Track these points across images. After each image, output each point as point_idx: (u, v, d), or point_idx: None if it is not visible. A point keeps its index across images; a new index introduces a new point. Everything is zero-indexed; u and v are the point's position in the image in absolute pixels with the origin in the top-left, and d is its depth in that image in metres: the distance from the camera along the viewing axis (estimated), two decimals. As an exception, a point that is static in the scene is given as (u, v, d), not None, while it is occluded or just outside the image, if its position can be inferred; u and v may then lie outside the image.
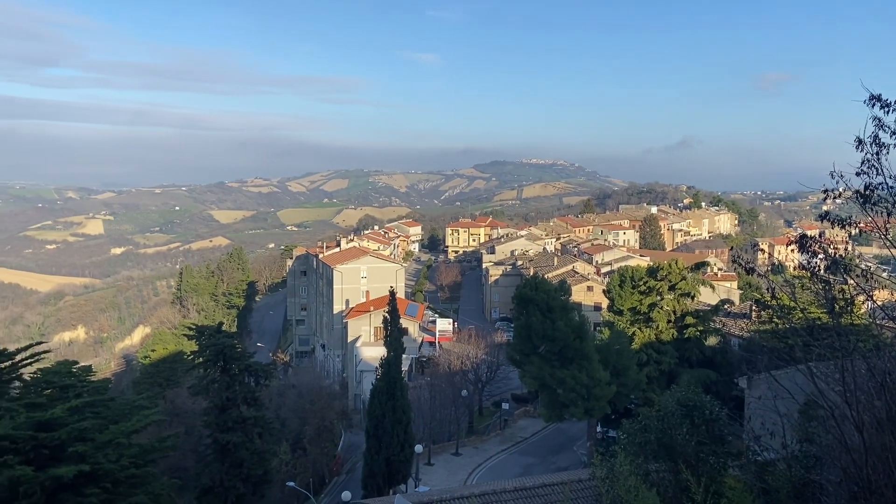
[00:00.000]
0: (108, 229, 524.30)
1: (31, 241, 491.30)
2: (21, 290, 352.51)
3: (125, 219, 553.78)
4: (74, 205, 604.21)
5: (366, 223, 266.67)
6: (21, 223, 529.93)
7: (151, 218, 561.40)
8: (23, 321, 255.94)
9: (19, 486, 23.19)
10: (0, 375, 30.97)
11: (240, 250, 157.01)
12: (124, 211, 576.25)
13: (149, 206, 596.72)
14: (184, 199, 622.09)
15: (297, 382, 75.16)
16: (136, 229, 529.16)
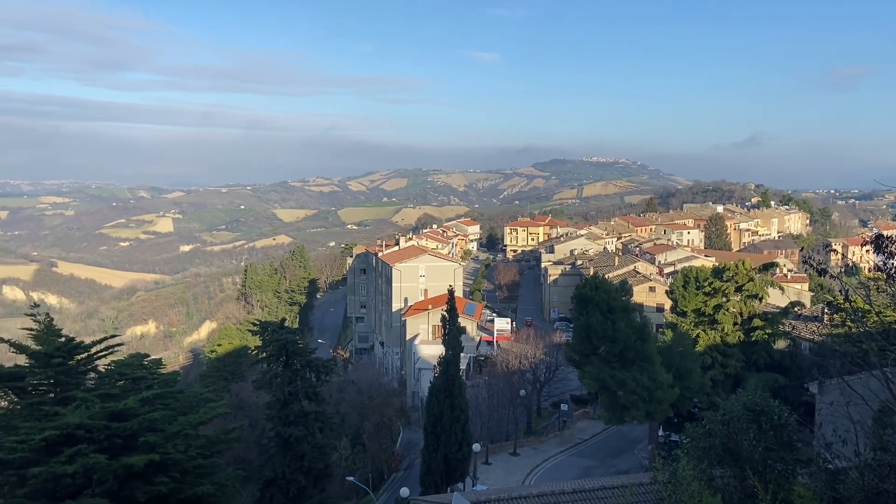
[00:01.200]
0: (177, 227, 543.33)
1: (105, 238, 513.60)
2: (96, 286, 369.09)
3: (193, 217, 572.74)
4: (146, 204, 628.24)
5: (424, 222, 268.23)
6: (97, 221, 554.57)
7: (218, 216, 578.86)
8: (98, 315, 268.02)
9: (93, 474, 24.22)
10: (77, 366, 32.36)
11: (302, 248, 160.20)
12: (193, 210, 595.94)
13: (216, 204, 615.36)
14: (249, 198, 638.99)
15: (356, 379, 76.24)
16: (204, 227, 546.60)
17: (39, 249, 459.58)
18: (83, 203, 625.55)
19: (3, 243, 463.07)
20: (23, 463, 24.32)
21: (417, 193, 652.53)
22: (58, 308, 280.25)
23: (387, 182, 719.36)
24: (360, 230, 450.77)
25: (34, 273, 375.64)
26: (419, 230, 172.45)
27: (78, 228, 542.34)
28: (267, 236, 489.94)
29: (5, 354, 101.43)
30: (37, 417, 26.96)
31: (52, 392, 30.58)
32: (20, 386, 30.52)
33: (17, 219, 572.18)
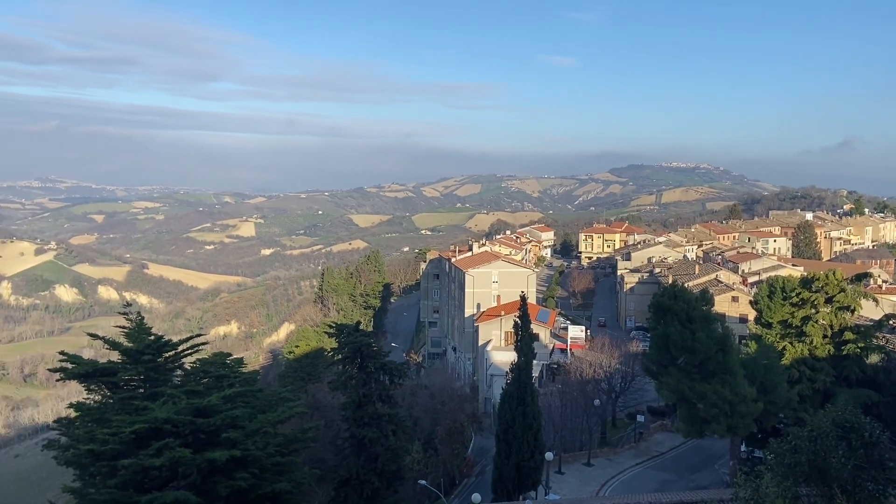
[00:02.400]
0: (258, 232, 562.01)
1: (192, 241, 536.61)
2: (183, 287, 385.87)
3: (274, 222, 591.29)
4: (230, 209, 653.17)
5: (497, 228, 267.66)
6: (184, 225, 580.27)
7: (297, 221, 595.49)
8: (184, 315, 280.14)
9: (179, 467, 25.26)
10: (165, 364, 33.90)
11: (377, 253, 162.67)
12: (273, 214, 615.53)
13: (295, 210, 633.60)
14: (326, 203, 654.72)
15: (429, 383, 76.71)
16: (284, 232, 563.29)
17: (132, 252, 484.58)
18: (172, 208, 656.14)
19: (99, 246, 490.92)
20: (114, 455, 25.62)
21: (491, 199, 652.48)
22: (148, 308, 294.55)
23: (460, 188, 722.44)
24: (433, 235, 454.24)
25: (127, 274, 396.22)
26: (492, 236, 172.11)
27: (167, 232, 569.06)
28: (343, 241, 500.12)
29: (100, 350, 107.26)
30: (127, 411, 28.34)
31: (142, 387, 32.13)
32: (113, 381, 32.21)
33: (113, 222, 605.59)
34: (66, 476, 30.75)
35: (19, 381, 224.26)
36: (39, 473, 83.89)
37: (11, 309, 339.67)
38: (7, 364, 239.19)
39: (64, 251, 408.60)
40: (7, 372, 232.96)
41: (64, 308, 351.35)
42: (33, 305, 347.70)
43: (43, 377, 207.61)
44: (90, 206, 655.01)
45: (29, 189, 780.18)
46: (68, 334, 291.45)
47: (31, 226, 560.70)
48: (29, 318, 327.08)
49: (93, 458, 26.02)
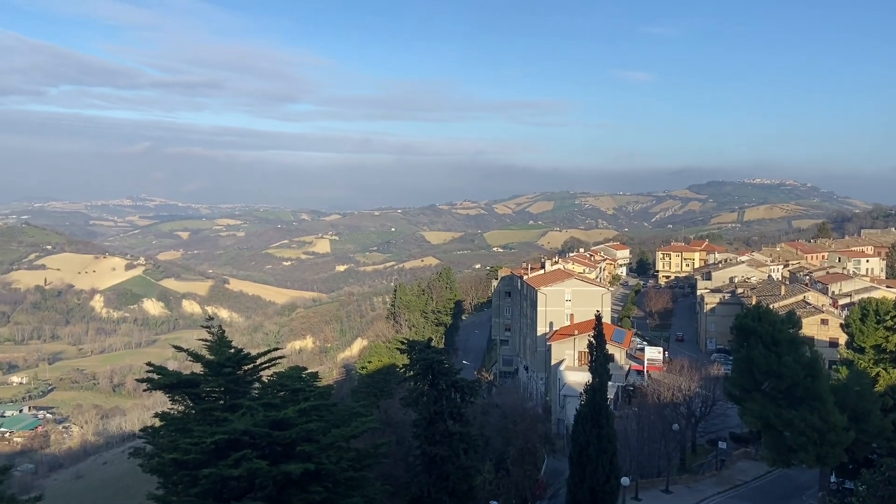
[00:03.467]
0: (333, 248, 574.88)
1: (270, 257, 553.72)
2: (262, 302, 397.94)
3: (348, 239, 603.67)
4: (306, 226, 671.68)
5: (571, 245, 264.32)
6: (263, 242, 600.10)
7: (370, 238, 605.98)
8: (262, 329, 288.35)
9: (256, 479, 25.75)
10: (244, 376, 34.79)
11: (448, 270, 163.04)
12: (348, 231, 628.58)
13: (368, 227, 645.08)
14: (399, 220, 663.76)
15: (500, 402, 75.92)
16: (358, 248, 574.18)
17: (214, 267, 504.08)
18: (252, 225, 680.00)
19: (184, 261, 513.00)
20: (195, 464, 26.37)
21: (564, 216, 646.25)
22: (228, 321, 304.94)
23: (533, 205, 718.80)
24: (505, 253, 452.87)
25: (209, 289, 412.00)
26: (565, 253, 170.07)
27: (247, 248, 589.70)
28: (415, 257, 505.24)
29: (183, 362, 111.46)
30: (208, 422, 29.17)
31: (222, 399, 33.03)
32: (195, 392, 33.27)
33: (197, 239, 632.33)
34: (151, 483, 31.85)
35: (109, 391, 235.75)
36: (126, 480, 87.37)
37: (103, 321, 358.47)
38: (98, 374, 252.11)
39: (152, 267, 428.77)
40: (97, 382, 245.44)
41: (151, 321, 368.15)
42: (123, 318, 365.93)
43: (131, 387, 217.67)
44: (176, 224, 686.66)
45: (121, 207, 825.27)
46: (155, 346, 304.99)
47: (123, 242, 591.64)
48: (119, 331, 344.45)
49: (176, 467, 26.88)
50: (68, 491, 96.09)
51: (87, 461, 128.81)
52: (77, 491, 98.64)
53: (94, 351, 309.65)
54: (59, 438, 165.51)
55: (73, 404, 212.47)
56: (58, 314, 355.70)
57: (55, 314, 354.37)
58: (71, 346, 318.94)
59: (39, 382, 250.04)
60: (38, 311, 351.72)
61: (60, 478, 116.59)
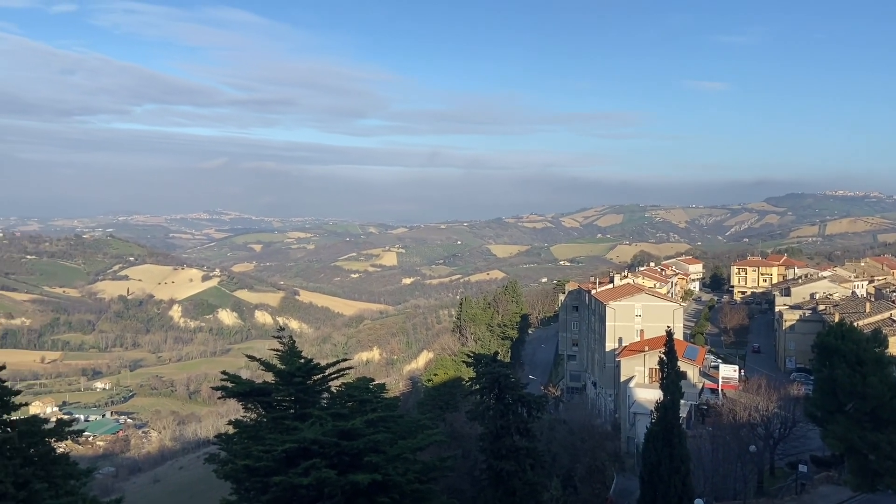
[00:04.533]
0: (400, 261, 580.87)
1: (339, 270, 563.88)
2: (330, 313, 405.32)
3: (415, 252, 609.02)
4: (374, 239, 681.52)
5: (640, 259, 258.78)
6: (332, 254, 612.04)
7: (437, 251, 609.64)
8: (330, 340, 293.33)
9: (324, 488, 26.10)
10: (313, 386, 35.46)
11: (514, 283, 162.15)
12: (414, 244, 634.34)
13: (434, 240, 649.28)
14: (465, 233, 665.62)
15: (567, 418, 74.71)
16: (424, 261, 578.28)
17: (285, 279, 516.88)
18: (322, 238, 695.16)
19: (257, 273, 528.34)
20: (267, 471, 26.98)
21: (633, 230, 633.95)
22: (298, 332, 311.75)
23: (601, 218, 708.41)
24: (572, 266, 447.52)
25: (280, 300, 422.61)
26: (635, 268, 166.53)
27: (317, 261, 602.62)
28: (481, 271, 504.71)
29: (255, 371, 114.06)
30: (279, 430, 29.83)
31: (293, 408, 33.75)
32: (267, 400, 34.12)
33: (269, 251, 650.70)
34: (225, 489, 32.70)
35: (185, 398, 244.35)
36: (201, 485, 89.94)
37: (180, 330, 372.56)
38: (175, 381, 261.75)
39: (226, 278, 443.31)
40: (175, 389, 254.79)
41: (225, 330, 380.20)
42: (199, 327, 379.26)
43: (206, 394, 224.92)
44: (250, 237, 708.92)
45: (198, 220, 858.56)
46: (228, 355, 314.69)
47: (200, 254, 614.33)
48: (195, 339, 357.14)
49: (248, 473, 27.54)
50: (146, 494, 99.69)
51: (164, 466, 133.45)
52: (155, 494, 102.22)
53: (172, 359, 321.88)
54: (139, 443, 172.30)
55: (151, 410, 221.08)
56: (139, 323, 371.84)
57: (136, 323, 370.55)
58: (151, 354, 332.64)
59: (121, 388, 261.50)
60: (120, 319, 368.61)
61: (139, 481, 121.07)
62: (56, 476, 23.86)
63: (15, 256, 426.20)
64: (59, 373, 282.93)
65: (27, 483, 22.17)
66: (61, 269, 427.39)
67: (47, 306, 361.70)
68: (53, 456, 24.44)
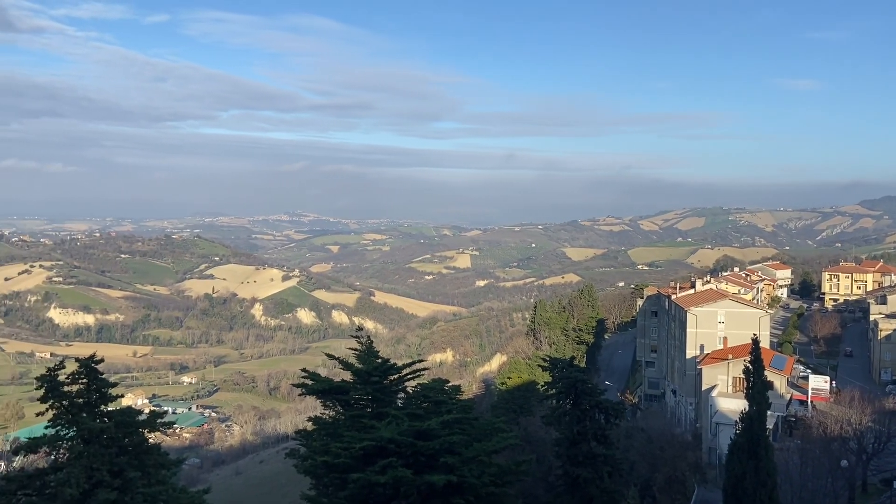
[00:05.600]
0: (474, 263, 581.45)
1: (413, 271, 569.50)
2: (404, 314, 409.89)
3: (488, 254, 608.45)
4: (448, 241, 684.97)
5: (724, 264, 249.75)
6: (407, 256, 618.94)
7: (510, 254, 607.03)
8: (404, 341, 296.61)
9: (400, 487, 26.32)
10: (390, 386, 35.90)
11: (590, 287, 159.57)
12: (488, 247, 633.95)
13: (508, 242, 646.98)
14: (539, 236, 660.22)
15: (645, 426, 72.89)
16: (497, 264, 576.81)
17: (361, 280, 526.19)
18: (396, 240, 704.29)
19: (334, 274, 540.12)
20: (344, 468, 27.45)
21: (716, 233, 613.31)
22: (373, 332, 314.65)
23: (682, 221, 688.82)
24: (650, 271, 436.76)
25: (356, 300, 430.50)
26: (718, 273, 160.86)
27: (392, 262, 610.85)
28: (556, 274, 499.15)
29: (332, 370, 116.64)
30: (357, 428, 30.31)
31: (370, 407, 34.27)
32: (345, 399, 34.77)
33: (346, 253, 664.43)
34: (304, 483, 33.52)
35: (265, 394, 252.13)
36: (280, 479, 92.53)
37: (262, 328, 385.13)
38: (256, 378, 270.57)
39: (305, 278, 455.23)
40: (256, 385, 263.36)
41: (303, 329, 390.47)
42: (279, 326, 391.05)
43: (285, 391, 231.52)
44: (327, 238, 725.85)
45: (279, 222, 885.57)
46: (306, 353, 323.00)
47: (280, 255, 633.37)
48: (275, 337, 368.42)
49: (327, 470, 28.12)
50: (229, 486, 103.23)
51: (245, 459, 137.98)
52: (237, 486, 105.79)
53: (254, 355, 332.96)
54: (222, 436, 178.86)
55: (234, 405, 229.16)
56: (223, 320, 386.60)
57: (221, 320, 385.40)
58: (233, 351, 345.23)
59: (206, 383, 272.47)
60: (206, 317, 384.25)
61: (222, 473, 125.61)
62: (148, 465, 25.00)
63: (111, 255, 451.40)
64: (149, 367, 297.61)
65: (122, 471, 23.32)
66: (152, 268, 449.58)
67: (139, 303, 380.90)
68: (146, 446, 25.63)
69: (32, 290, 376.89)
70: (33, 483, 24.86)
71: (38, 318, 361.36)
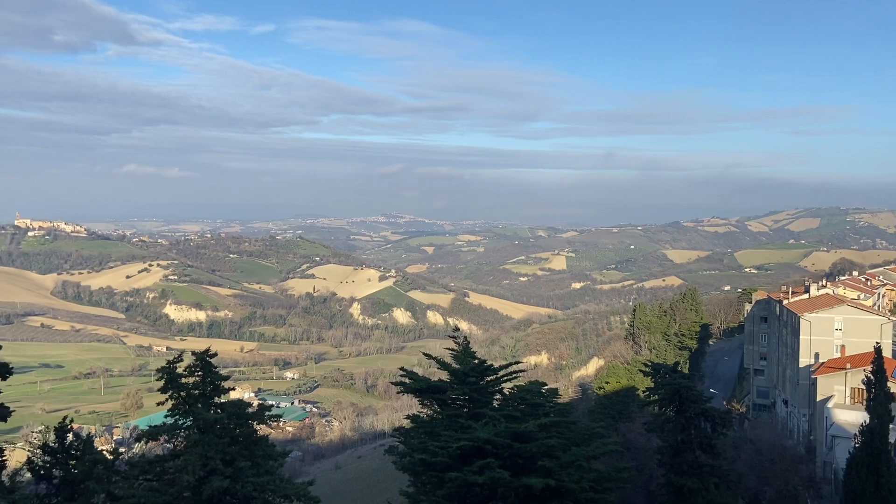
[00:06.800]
0: (569, 265, 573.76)
1: (508, 273, 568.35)
2: (499, 316, 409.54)
3: (585, 256, 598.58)
4: (543, 242, 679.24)
5: (841, 268, 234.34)
6: (501, 257, 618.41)
7: (608, 256, 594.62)
8: (499, 343, 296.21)
9: (498, 488, 26.21)
10: (486, 387, 35.82)
11: (693, 291, 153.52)
12: (584, 248, 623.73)
13: (606, 244, 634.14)
14: (638, 238, 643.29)
15: (754, 437, 69.43)
16: (594, 266, 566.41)
17: (456, 281, 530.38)
18: (491, 241, 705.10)
19: (429, 274, 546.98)
20: (442, 466, 27.62)
21: (833, 235, 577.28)
22: (467, 333, 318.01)
23: (794, 222, 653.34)
24: (759, 274, 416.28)
25: (451, 301, 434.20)
26: (834, 277, 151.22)
27: (486, 263, 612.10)
28: (656, 277, 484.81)
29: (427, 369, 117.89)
30: (454, 428, 30.41)
31: (466, 407, 34.30)
32: (442, 398, 34.98)
33: (440, 254, 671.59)
34: (400, 480, 34.04)
35: (363, 391, 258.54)
36: (378, 475, 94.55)
37: (359, 327, 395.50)
38: (354, 375, 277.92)
39: (401, 279, 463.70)
40: (354, 382, 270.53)
41: (399, 329, 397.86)
42: (376, 325, 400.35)
43: (382, 389, 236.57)
44: (423, 239, 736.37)
45: (376, 223, 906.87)
46: (402, 353, 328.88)
47: (377, 255, 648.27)
48: (372, 336, 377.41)
49: (424, 467, 28.38)
50: (329, 480, 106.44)
51: (344, 454, 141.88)
52: (336, 480, 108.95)
53: (352, 353, 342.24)
54: (322, 431, 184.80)
55: (333, 401, 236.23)
56: (323, 318, 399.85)
57: (321, 318, 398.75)
58: (333, 348, 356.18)
59: (307, 379, 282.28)
60: (307, 315, 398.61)
61: (322, 467, 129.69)
62: (258, 456, 26.13)
63: (220, 255, 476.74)
64: (255, 362, 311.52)
65: (234, 460, 24.47)
66: (258, 267, 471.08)
67: (246, 301, 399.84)
68: (255, 437, 26.78)
69: (151, 287, 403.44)
70: (154, 468, 26.54)
71: (156, 313, 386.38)
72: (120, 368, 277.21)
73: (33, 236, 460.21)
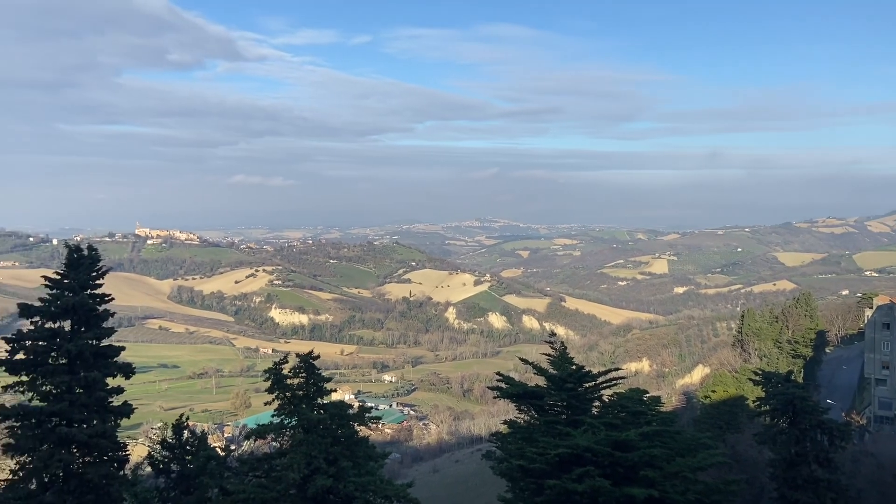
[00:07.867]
0: (671, 269, 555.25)
1: (605, 277, 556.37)
2: (596, 321, 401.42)
3: (688, 259, 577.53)
4: (643, 245, 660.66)
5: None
6: (598, 261, 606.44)
7: (713, 259, 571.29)
8: (597, 349, 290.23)
9: (599, 497, 25.63)
10: (585, 393, 35.13)
11: (808, 295, 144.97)
12: (687, 252, 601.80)
13: (710, 247, 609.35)
14: (746, 240, 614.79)
15: (875, 451, 64.60)
16: (698, 269, 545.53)
17: (551, 285, 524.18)
18: (587, 244, 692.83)
19: (524, 279, 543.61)
20: (540, 473, 27.32)
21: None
22: (564, 338, 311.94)
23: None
24: (881, 277, 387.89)
25: (547, 306, 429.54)
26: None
27: (583, 267, 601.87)
28: (766, 280, 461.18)
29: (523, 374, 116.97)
30: (552, 434, 30.02)
31: (564, 413, 33.78)
32: (539, 404, 34.62)
33: (536, 258, 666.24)
34: (497, 485, 33.91)
35: (459, 395, 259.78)
36: (475, 480, 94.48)
37: (455, 331, 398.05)
38: (451, 379, 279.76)
39: (496, 283, 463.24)
40: (450, 386, 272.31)
41: (494, 333, 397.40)
42: (471, 329, 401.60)
43: (478, 393, 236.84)
44: (518, 243, 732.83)
45: (471, 228, 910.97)
46: (498, 357, 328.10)
47: (471, 260, 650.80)
48: (468, 340, 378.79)
49: (522, 473, 28.17)
50: (427, 483, 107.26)
51: (441, 457, 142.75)
52: (433, 484, 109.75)
53: (448, 357, 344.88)
54: (420, 434, 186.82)
55: (430, 404, 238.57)
56: (419, 323, 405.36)
57: (417, 322, 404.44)
58: (429, 352, 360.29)
59: (405, 382, 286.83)
60: (404, 319, 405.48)
61: (420, 469, 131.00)
62: (359, 456, 26.76)
63: (321, 260, 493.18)
64: (354, 364, 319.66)
65: (336, 460, 25.17)
66: (356, 272, 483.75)
67: (345, 305, 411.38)
68: (356, 438, 27.45)
69: (257, 291, 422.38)
70: (262, 466, 27.71)
71: (262, 317, 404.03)
72: (230, 369, 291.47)
73: (152, 244, 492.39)
